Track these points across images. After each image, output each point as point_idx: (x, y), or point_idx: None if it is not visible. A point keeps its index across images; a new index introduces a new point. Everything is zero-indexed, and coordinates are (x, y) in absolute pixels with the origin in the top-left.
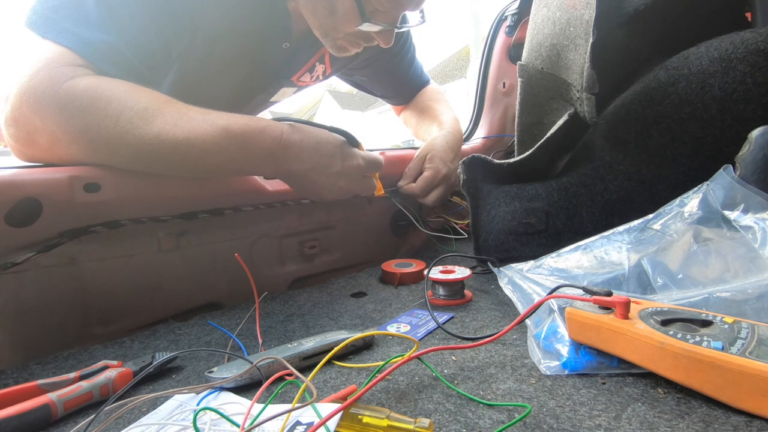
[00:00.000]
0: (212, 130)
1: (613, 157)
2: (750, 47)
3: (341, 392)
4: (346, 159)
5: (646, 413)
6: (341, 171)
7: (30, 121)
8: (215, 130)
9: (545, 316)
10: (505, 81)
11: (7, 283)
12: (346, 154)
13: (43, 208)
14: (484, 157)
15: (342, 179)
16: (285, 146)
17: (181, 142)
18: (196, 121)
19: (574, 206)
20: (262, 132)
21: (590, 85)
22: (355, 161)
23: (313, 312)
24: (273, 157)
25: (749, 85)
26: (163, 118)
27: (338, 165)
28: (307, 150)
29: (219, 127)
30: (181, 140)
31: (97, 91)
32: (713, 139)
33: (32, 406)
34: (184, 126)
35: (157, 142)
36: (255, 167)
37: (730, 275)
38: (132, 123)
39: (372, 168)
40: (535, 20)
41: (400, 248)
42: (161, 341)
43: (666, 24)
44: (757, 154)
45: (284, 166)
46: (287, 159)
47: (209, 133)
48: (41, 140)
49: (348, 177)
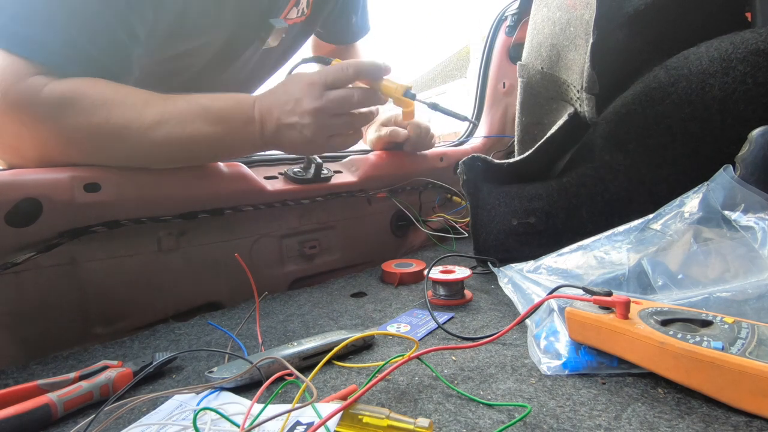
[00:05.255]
0: (195, 109)
1: (613, 157)
2: (750, 47)
3: (341, 392)
4: (316, 100)
5: (646, 413)
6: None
7: (16, 133)
8: (198, 109)
9: (545, 316)
10: (505, 81)
11: (7, 283)
12: (316, 95)
13: (43, 208)
14: (484, 157)
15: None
16: (260, 112)
17: (173, 127)
18: (180, 105)
19: (574, 206)
20: (238, 102)
21: (590, 85)
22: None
23: (313, 312)
24: (252, 125)
25: (749, 85)
26: (153, 108)
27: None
28: (276, 105)
29: (200, 105)
30: (173, 125)
31: (77, 92)
32: (713, 139)
33: (32, 406)
34: (173, 111)
35: (152, 131)
36: (242, 140)
37: (730, 275)
38: (124, 116)
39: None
40: (535, 20)
41: (400, 248)
42: (161, 341)
43: (666, 24)
44: (757, 154)
45: (266, 132)
46: (264, 123)
47: (193, 112)
48: (29, 152)
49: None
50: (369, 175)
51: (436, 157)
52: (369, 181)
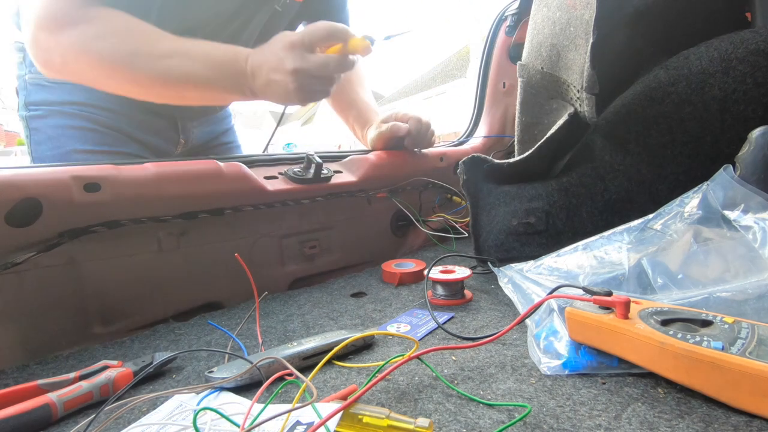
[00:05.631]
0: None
1: (613, 157)
2: (750, 47)
3: (341, 392)
4: (298, 61)
5: (646, 413)
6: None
7: (46, 43)
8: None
9: (545, 316)
10: (505, 81)
11: (7, 283)
12: (297, 56)
13: (43, 208)
14: (484, 157)
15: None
16: (251, 67)
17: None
18: (187, 45)
19: (574, 206)
20: (235, 54)
21: (590, 85)
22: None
23: (313, 312)
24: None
25: (749, 85)
26: (164, 43)
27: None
28: (265, 63)
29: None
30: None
31: (110, 15)
32: (713, 139)
33: (32, 406)
34: (180, 48)
35: (159, 62)
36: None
37: (730, 275)
38: (140, 42)
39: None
40: (535, 20)
41: (400, 248)
42: (161, 341)
43: (666, 24)
44: (757, 154)
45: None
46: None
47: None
48: (55, 60)
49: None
50: (369, 175)
51: (436, 157)
52: (369, 181)
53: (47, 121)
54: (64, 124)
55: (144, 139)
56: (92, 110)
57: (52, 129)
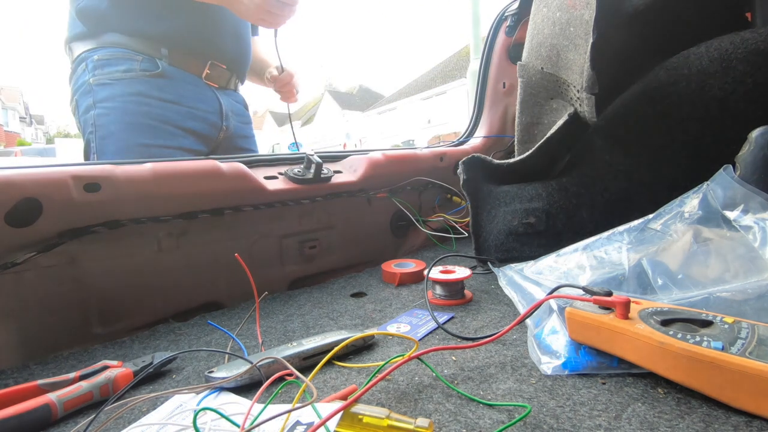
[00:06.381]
0: None
1: (613, 157)
2: (750, 47)
3: (341, 392)
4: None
5: (646, 413)
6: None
7: None
8: None
9: (545, 316)
10: (505, 81)
11: (7, 283)
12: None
13: (43, 208)
14: (484, 157)
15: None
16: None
17: None
18: None
19: (574, 206)
20: None
21: (590, 85)
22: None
23: (313, 312)
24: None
25: (749, 85)
26: None
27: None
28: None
29: None
30: None
31: None
32: (713, 139)
33: (32, 406)
34: None
35: None
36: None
37: (730, 275)
38: None
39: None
40: (535, 20)
41: (400, 248)
42: (161, 341)
43: (666, 24)
44: (757, 154)
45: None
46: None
47: None
48: None
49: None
50: (369, 175)
51: (436, 157)
52: (369, 181)
53: (111, 117)
54: (127, 120)
55: (192, 126)
56: (149, 101)
57: (115, 125)
